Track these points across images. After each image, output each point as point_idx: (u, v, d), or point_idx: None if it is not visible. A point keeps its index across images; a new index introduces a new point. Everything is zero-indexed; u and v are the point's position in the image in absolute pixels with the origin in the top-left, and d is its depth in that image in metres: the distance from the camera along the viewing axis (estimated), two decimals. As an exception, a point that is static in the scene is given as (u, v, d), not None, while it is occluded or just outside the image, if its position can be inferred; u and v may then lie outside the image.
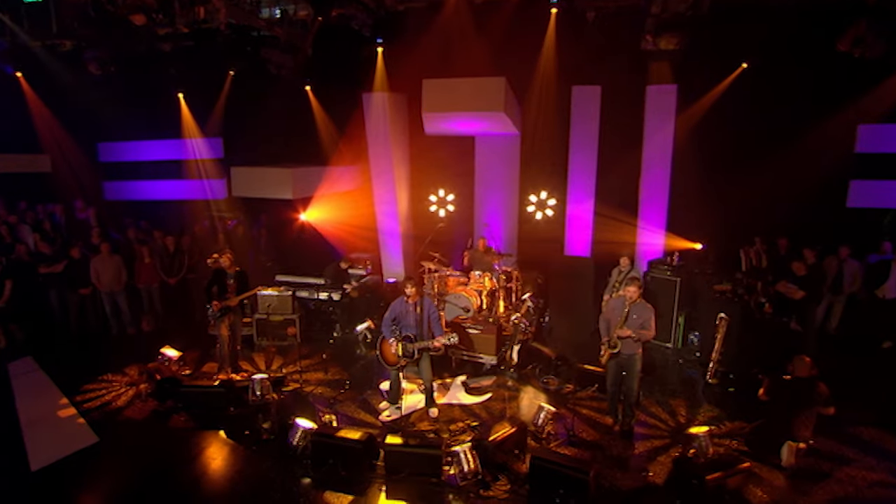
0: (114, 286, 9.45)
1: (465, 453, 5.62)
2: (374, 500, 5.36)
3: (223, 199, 12.37)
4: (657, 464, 5.98)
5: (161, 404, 7.18)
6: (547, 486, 5.34)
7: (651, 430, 6.73)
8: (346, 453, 5.77)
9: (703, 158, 9.53)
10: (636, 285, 6.35)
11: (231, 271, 7.90)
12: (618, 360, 6.50)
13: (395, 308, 6.88)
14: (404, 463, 5.64)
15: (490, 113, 8.41)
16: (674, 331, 9.09)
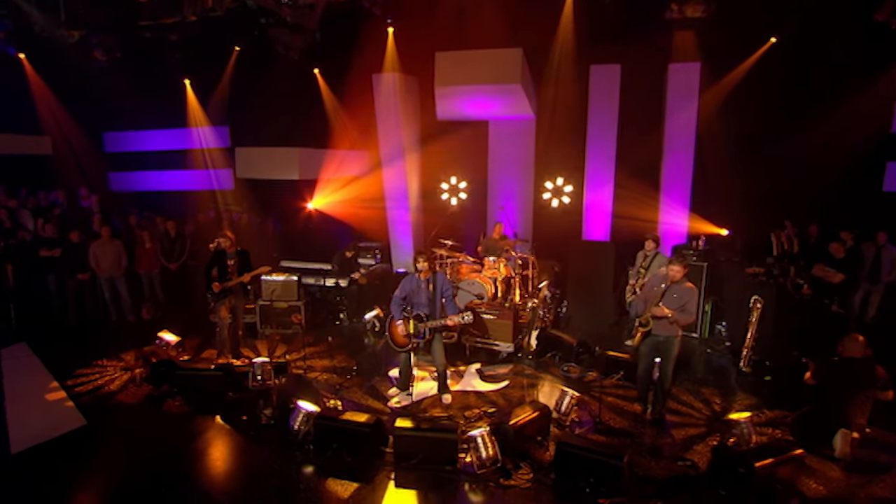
0: (113, 271, 8.99)
1: (482, 438, 5.03)
2: (381, 488, 4.77)
3: (230, 190, 11.93)
4: (694, 453, 5.35)
5: (156, 389, 6.65)
6: (575, 474, 4.72)
7: (684, 418, 6.10)
8: (351, 438, 5.20)
9: (729, 139, 8.97)
10: (681, 264, 5.73)
11: (231, 251, 7.40)
12: (653, 343, 5.89)
13: (405, 285, 6.32)
14: (416, 449, 5.05)
15: (506, 86, 7.90)
16: (700, 320, 8.45)
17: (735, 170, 8.86)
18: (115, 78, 10.93)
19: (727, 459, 4.80)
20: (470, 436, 5.07)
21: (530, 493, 4.70)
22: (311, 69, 10.09)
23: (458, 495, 4.69)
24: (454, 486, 4.80)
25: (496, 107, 8.94)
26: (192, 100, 11.28)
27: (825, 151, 8.38)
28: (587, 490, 4.63)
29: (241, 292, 7.56)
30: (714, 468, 4.92)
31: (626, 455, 4.66)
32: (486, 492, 4.73)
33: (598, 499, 4.55)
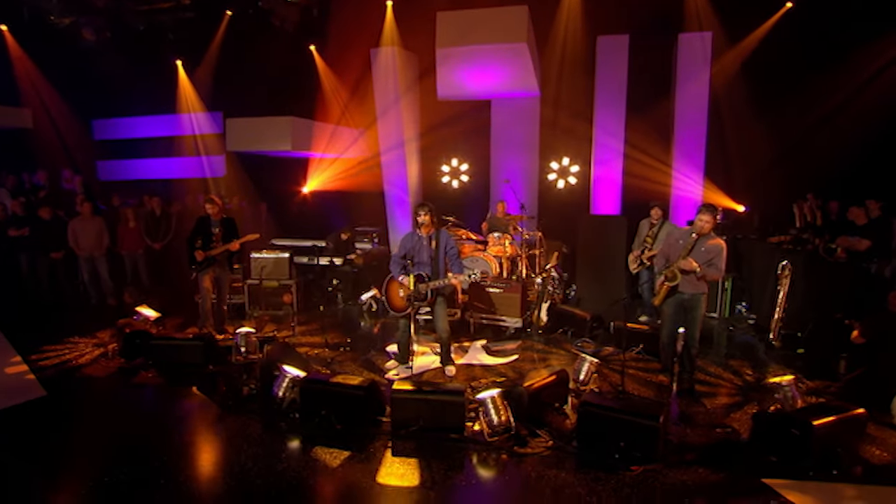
0: (94, 251, 8.30)
1: (493, 401, 4.31)
2: (376, 457, 4.04)
3: (222, 177, 11.32)
4: (733, 420, 4.64)
5: (129, 362, 5.92)
6: (602, 439, 4.01)
7: (715, 388, 5.39)
8: (342, 403, 4.48)
9: (744, 111, 8.40)
10: (711, 214, 5.06)
11: (217, 219, 6.75)
12: (677, 302, 5.21)
13: (404, 243, 5.65)
14: (417, 414, 4.33)
15: (511, 46, 7.35)
16: (720, 298, 7.78)
17: (751, 143, 8.30)
18: (105, 60, 10.41)
19: (777, 421, 4.09)
20: (479, 399, 4.36)
21: (550, 461, 3.98)
22: (307, 44, 9.56)
23: (466, 464, 3.96)
24: (461, 455, 4.07)
25: (500, 76, 8.38)
26: (185, 82, 10.74)
27: (847, 122, 7.82)
28: (616, 456, 3.91)
29: (225, 263, 6.87)
30: (759, 435, 4.21)
31: (661, 415, 3.95)
32: (498, 460, 4.01)
33: (630, 466, 3.83)
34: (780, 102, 8.04)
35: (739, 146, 8.32)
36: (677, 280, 5.06)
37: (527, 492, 3.67)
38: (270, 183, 10.80)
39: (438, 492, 3.62)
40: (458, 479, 3.75)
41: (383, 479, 3.77)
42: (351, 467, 3.90)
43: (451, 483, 3.71)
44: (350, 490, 3.68)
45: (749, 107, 8.14)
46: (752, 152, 8.24)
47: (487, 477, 3.86)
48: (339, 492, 3.70)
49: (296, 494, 3.62)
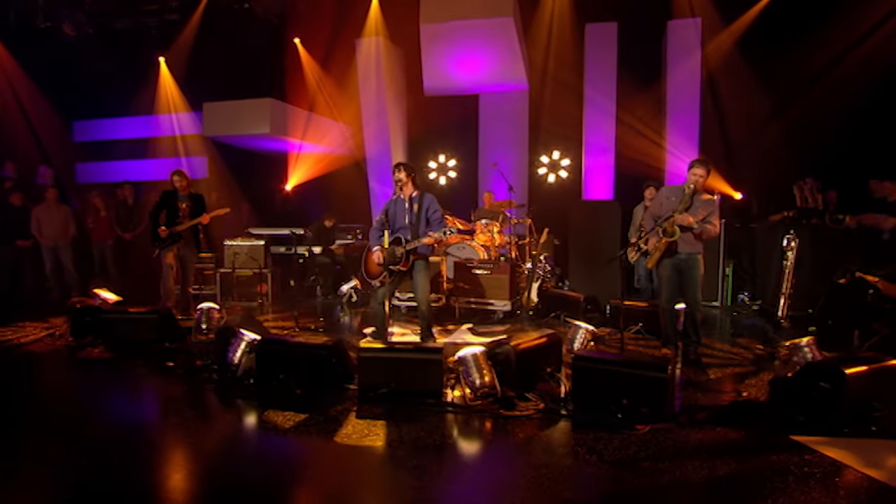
0: (58, 240, 7.71)
1: (476, 359, 3.70)
2: (337, 420, 3.40)
3: (204, 178, 10.82)
4: (748, 387, 4.04)
5: (77, 340, 5.26)
6: (601, 397, 3.39)
7: (725, 361, 4.80)
8: (303, 365, 3.86)
9: (739, 92, 8.02)
10: (704, 167, 4.60)
11: (184, 194, 6.23)
12: (674, 264, 4.69)
13: (386, 207, 5.15)
14: (387, 376, 3.71)
15: (497, 21, 7.03)
16: (721, 285, 7.24)
17: (749, 126, 7.91)
18: (85, 58, 10.04)
19: (802, 377, 3.49)
20: (459, 357, 3.75)
21: (541, 423, 3.35)
22: (292, 36, 9.26)
23: (440, 425, 3.33)
24: (438, 419, 3.44)
25: (487, 61, 8.04)
26: (167, 80, 10.37)
27: (847, 102, 7.38)
28: (619, 416, 3.29)
29: (192, 242, 6.31)
30: (779, 397, 3.60)
31: (669, 366, 3.35)
32: (481, 423, 3.38)
33: (635, 425, 3.21)
34: (779, 81, 7.66)
35: (736, 129, 7.93)
36: (676, 236, 4.54)
37: (513, 452, 3.03)
38: (253, 182, 10.31)
39: (407, 451, 2.98)
40: (430, 440, 3.11)
41: (342, 439, 3.13)
42: (305, 429, 3.26)
43: (421, 443, 3.07)
44: (300, 450, 3.04)
45: (745, 88, 7.78)
46: (750, 135, 7.84)
47: (466, 437, 3.23)
48: (284, 453, 3.05)
49: (229, 459, 2.98)
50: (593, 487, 2.66)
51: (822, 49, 7.16)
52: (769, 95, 7.66)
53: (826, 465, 2.76)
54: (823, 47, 7.14)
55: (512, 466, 2.88)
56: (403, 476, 2.72)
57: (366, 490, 2.72)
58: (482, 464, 2.96)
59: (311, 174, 9.66)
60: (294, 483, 2.72)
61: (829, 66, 7.19)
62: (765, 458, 2.88)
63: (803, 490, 2.51)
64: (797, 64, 7.32)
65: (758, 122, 7.81)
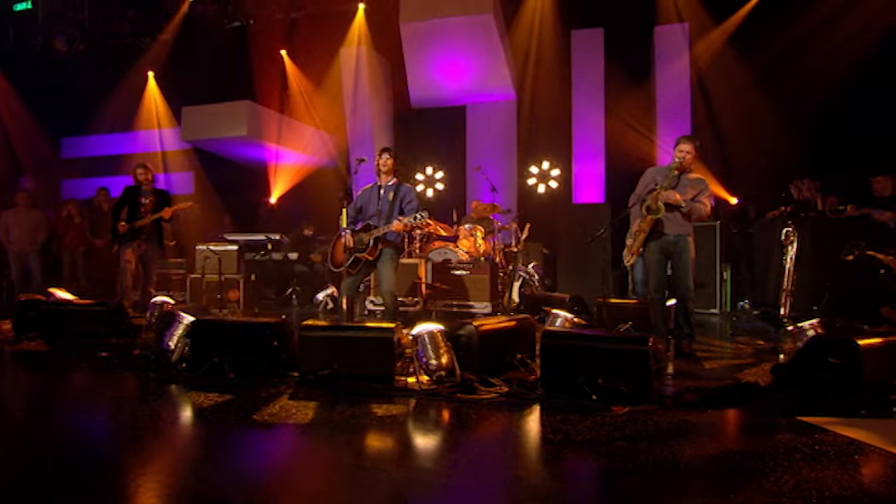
0: (26, 245, 7.34)
1: (432, 338, 3.21)
2: (265, 400, 2.89)
3: (190, 194, 10.55)
4: (747, 375, 3.51)
5: (20, 335, 4.78)
6: (574, 377, 2.88)
7: (722, 353, 4.28)
8: (240, 346, 3.38)
9: (732, 92, 7.69)
10: (691, 143, 4.21)
11: (148, 189, 5.90)
12: (662, 246, 4.24)
13: (361, 195, 4.79)
14: (332, 357, 3.21)
15: (477, 18, 6.84)
16: (720, 291, 6.72)
17: (741, 129, 7.55)
18: (76, 74, 9.99)
19: (809, 352, 2.98)
20: (414, 335, 3.25)
21: (503, 406, 2.84)
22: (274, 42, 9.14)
23: (382, 409, 2.81)
24: (380, 401, 2.92)
25: (470, 61, 7.80)
26: (155, 95, 10.24)
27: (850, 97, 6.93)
28: (594, 398, 2.77)
29: (154, 239, 5.93)
30: (783, 381, 3.08)
31: (651, 340, 2.84)
32: (431, 405, 2.87)
33: (612, 406, 2.70)
34: (774, 79, 7.27)
35: (730, 131, 7.56)
36: (661, 213, 4.10)
37: (461, 432, 2.51)
38: (238, 196, 10.02)
39: (334, 430, 2.48)
40: (363, 421, 2.60)
41: (262, 418, 2.63)
42: (221, 411, 2.75)
43: (354, 423, 2.56)
44: (213, 431, 2.53)
45: (738, 88, 7.45)
46: (745, 137, 7.46)
47: (409, 418, 2.71)
48: (197, 434, 2.55)
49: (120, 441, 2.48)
50: (555, 465, 2.13)
51: (821, 43, 6.83)
52: (764, 94, 7.31)
53: (841, 444, 2.23)
54: (822, 41, 6.82)
55: (455, 446, 2.36)
56: (328, 453, 2.22)
57: (280, 469, 2.21)
58: (423, 443, 2.44)
59: (293, 184, 9.35)
60: (189, 461, 2.21)
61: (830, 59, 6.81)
62: (767, 439, 2.36)
63: (814, 468, 1.98)
64: (794, 60, 6.98)
65: (753, 122, 7.44)
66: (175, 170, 10.55)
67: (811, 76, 6.78)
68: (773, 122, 7.12)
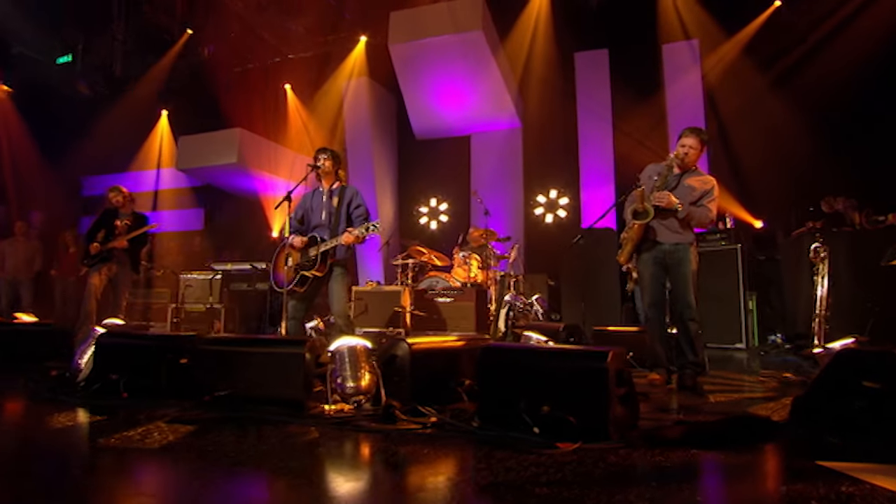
0: (19, 273, 7.23)
1: (352, 354, 2.61)
2: (135, 425, 2.31)
3: (198, 230, 10.49)
4: (761, 409, 2.71)
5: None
6: (515, 403, 2.19)
7: (737, 387, 3.45)
8: (138, 365, 2.85)
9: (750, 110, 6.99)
10: (696, 137, 3.55)
11: (125, 210, 5.64)
12: (656, 257, 3.54)
13: (303, 202, 4.29)
14: (234, 375, 2.64)
15: (467, 35, 6.51)
16: (744, 322, 5.80)
17: (764, 145, 6.79)
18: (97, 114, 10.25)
19: (836, 371, 2.20)
20: (331, 351, 2.65)
21: (422, 440, 2.16)
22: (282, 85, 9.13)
23: (270, 437, 2.18)
24: (273, 428, 2.29)
25: (466, 83, 7.44)
26: (166, 133, 10.35)
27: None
28: (536, 429, 2.07)
29: (127, 262, 5.59)
30: (803, 413, 2.28)
31: (610, 354, 2.14)
32: (333, 436, 2.21)
33: (555, 442, 1.99)
34: (798, 88, 6.52)
35: (751, 148, 6.81)
36: (649, 217, 3.43)
37: (351, 468, 1.86)
38: (246, 230, 9.83)
39: (193, 456, 1.87)
40: (231, 452, 1.98)
41: (110, 442, 2.05)
42: (75, 432, 2.20)
43: (214, 453, 1.95)
44: (46, 452, 1.97)
45: (757, 101, 6.72)
46: (769, 153, 6.68)
47: (293, 449, 2.05)
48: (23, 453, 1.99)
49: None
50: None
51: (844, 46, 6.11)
52: (785, 106, 6.56)
53: (880, 501, 1.46)
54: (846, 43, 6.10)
55: (326, 493, 1.70)
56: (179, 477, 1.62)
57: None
58: (286, 486, 1.79)
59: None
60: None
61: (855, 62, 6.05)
62: (770, 493, 1.60)
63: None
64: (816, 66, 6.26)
65: (774, 136, 6.68)
66: (186, 206, 10.54)
67: (835, 82, 6.06)
68: (797, 135, 6.35)
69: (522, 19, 7.35)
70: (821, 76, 6.18)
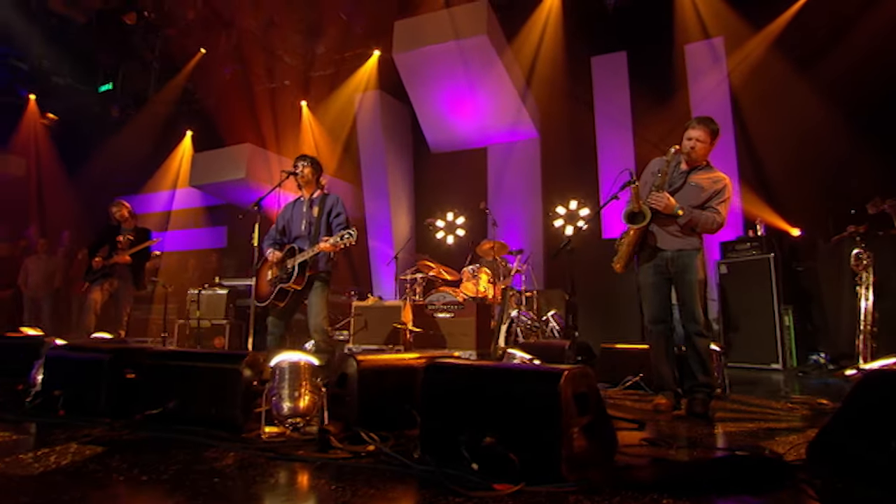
0: (39, 289, 7.39)
1: (293, 372, 2.32)
2: (58, 445, 2.09)
3: (222, 248, 10.58)
4: (777, 443, 2.22)
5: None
6: (459, 431, 1.83)
7: (756, 416, 2.93)
8: (80, 379, 2.66)
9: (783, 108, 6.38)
10: (704, 129, 3.09)
11: (128, 227, 5.63)
12: (657, 266, 3.10)
13: (283, 212, 4.11)
14: (176, 391, 2.40)
15: (472, 41, 6.26)
16: (781, 339, 5.16)
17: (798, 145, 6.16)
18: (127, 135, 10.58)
19: (865, 398, 1.74)
20: (273, 366, 2.37)
21: (361, 473, 1.83)
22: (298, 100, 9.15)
23: (177, 468, 1.90)
24: (184, 452, 2.01)
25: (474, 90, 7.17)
26: (188, 153, 10.55)
27: None
28: (474, 465, 1.71)
29: (129, 277, 5.56)
30: (824, 451, 1.82)
31: (564, 376, 1.74)
32: (249, 468, 1.91)
33: (493, 484, 1.62)
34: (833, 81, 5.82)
35: (784, 149, 6.18)
36: (646, 220, 3.01)
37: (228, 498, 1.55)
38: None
39: (56, 479, 1.61)
40: (119, 475, 1.71)
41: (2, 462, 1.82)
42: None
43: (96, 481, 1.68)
44: None
45: (791, 98, 6.10)
46: (805, 154, 6.04)
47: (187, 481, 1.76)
48: None
49: None
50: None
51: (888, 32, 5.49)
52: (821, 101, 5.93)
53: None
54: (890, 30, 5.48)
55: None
56: None
57: None
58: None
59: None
60: None
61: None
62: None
63: None
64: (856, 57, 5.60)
65: (810, 135, 6.04)
66: (208, 224, 10.68)
67: (878, 73, 5.43)
68: (834, 132, 5.72)
69: (533, 25, 7.05)
70: (858, 68, 5.56)
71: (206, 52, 8.38)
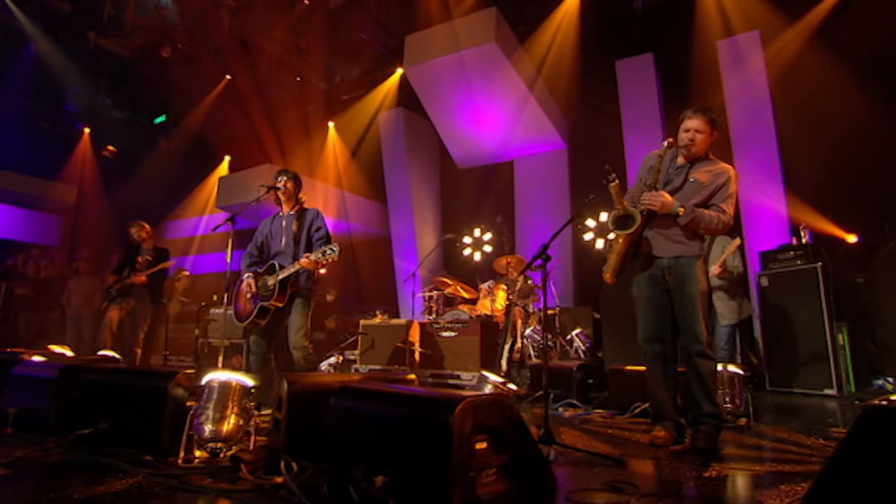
0: (81, 309, 7.74)
1: (222, 392, 2.15)
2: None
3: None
4: (775, 495, 1.79)
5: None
6: (353, 463, 1.57)
7: (774, 454, 2.46)
8: (34, 394, 2.62)
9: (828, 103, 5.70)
10: (703, 118, 2.77)
11: (147, 246, 5.80)
12: (654, 276, 2.73)
13: (262, 228, 4.05)
14: (108, 410, 2.29)
15: (481, 49, 6.05)
16: (832, 359, 4.48)
17: (852, 143, 5.46)
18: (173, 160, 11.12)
19: (865, 442, 1.34)
20: (201, 384, 2.21)
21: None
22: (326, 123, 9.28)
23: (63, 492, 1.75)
24: (87, 480, 1.87)
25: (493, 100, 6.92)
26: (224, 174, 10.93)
27: None
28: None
29: (147, 297, 5.70)
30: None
31: (460, 407, 1.44)
32: (148, 497, 1.74)
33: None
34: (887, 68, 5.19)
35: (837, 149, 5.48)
36: (636, 224, 2.65)
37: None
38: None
39: None
40: None
41: None
42: None
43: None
44: None
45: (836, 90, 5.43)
46: (860, 153, 5.34)
47: None
48: None
49: None
50: None
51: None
52: (875, 93, 5.25)
53: None
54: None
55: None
56: None
57: None
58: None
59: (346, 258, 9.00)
60: None
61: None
62: None
63: None
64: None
65: (863, 131, 5.33)
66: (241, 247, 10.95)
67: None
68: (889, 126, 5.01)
69: (549, 31, 6.77)
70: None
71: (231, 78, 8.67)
